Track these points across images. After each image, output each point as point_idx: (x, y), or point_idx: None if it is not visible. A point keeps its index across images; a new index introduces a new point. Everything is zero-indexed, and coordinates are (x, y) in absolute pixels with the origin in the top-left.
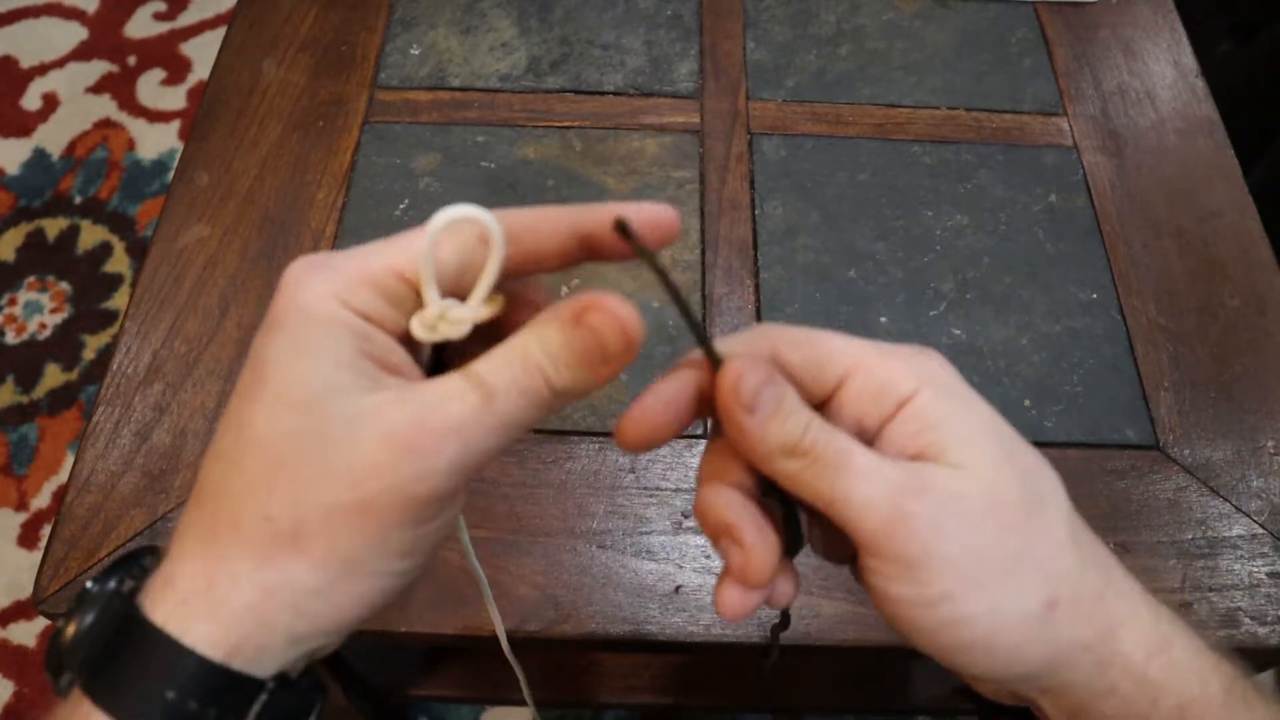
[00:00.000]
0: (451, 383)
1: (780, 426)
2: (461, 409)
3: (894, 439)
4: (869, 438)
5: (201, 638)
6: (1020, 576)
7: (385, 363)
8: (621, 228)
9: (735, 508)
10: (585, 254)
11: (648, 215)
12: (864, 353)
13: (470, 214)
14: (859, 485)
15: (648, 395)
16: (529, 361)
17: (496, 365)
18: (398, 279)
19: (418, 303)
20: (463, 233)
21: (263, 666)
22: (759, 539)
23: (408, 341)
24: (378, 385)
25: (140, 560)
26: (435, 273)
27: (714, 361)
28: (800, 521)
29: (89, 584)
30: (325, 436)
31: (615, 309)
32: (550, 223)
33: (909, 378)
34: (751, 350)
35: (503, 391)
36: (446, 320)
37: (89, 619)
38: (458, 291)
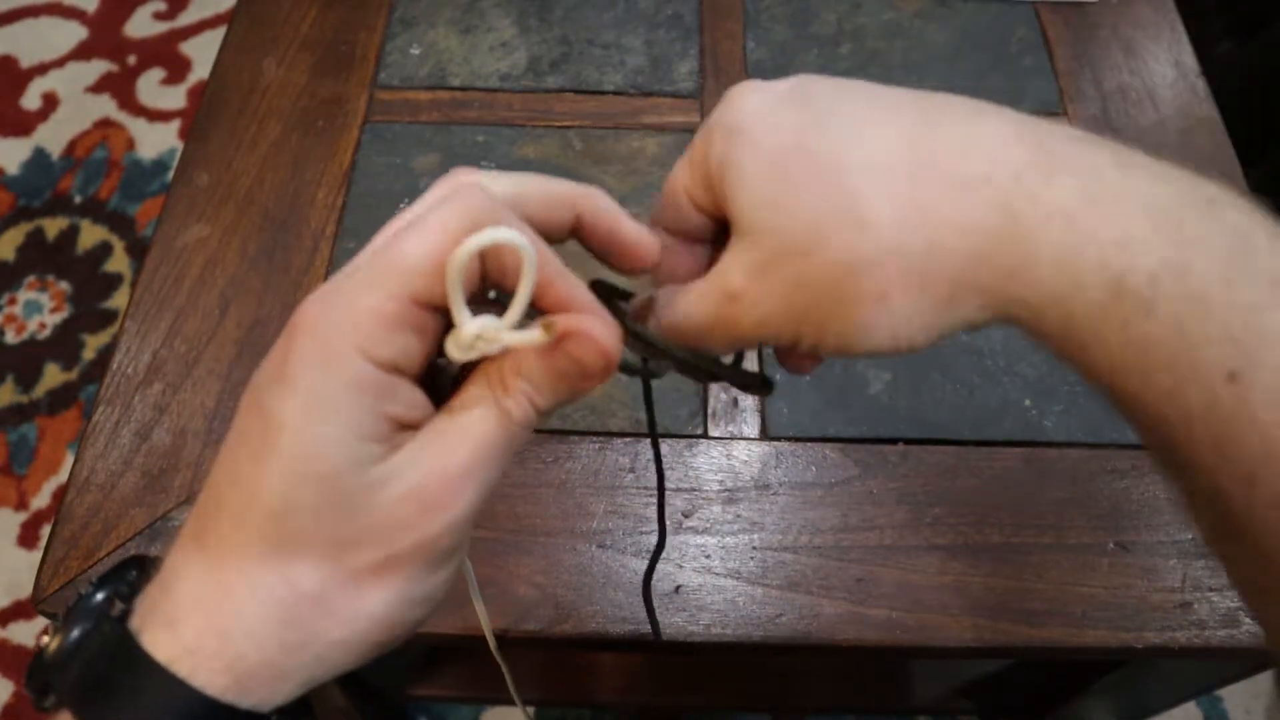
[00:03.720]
0: (456, 430)
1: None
2: (472, 453)
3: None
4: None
5: (210, 684)
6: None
7: (404, 420)
8: (596, 288)
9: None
10: (575, 234)
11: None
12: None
13: (502, 237)
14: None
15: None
16: (519, 387)
17: (490, 397)
18: (419, 308)
19: (442, 324)
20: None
21: (270, 704)
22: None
23: (428, 373)
24: (394, 448)
25: (126, 576)
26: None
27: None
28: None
29: (79, 594)
30: (352, 507)
31: (591, 332)
32: (559, 209)
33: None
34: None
35: (509, 419)
36: (484, 339)
37: (74, 635)
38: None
